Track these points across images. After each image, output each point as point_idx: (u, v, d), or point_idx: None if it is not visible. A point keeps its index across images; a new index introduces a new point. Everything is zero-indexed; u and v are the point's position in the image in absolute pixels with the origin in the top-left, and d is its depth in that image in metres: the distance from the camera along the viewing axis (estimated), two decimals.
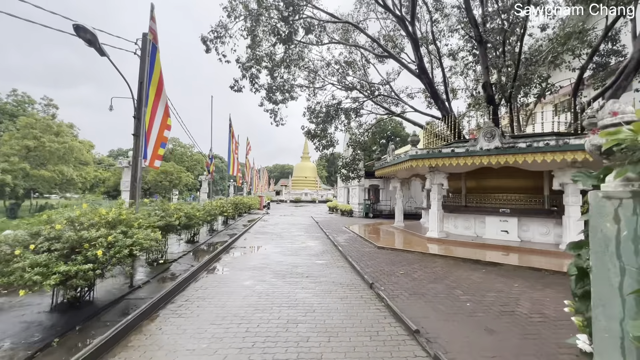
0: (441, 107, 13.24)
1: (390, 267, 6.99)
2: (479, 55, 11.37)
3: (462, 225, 11.62)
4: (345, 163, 17.84)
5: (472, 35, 11.41)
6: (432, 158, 10.10)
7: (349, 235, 12.47)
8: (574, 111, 12.25)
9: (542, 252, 8.76)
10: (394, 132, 52.92)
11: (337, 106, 16.23)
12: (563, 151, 7.98)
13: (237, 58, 13.26)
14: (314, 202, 55.86)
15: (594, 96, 11.73)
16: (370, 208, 23.91)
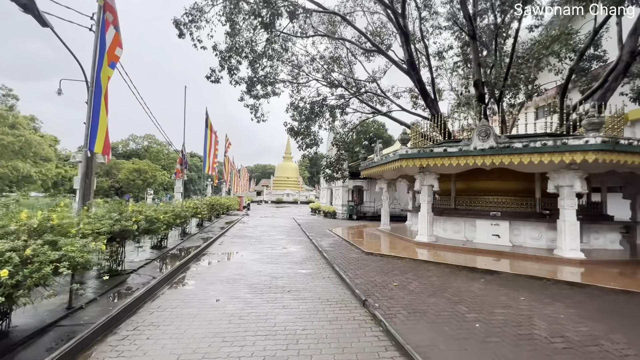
0: (430, 105, 12.76)
1: (382, 277, 6.25)
2: (471, 52, 10.97)
3: (452, 228, 11.12)
4: (329, 163, 17.09)
5: (464, 31, 10.98)
6: (423, 158, 9.50)
7: (334, 239, 11.70)
8: (562, 112, 12.10)
9: (537, 258, 8.33)
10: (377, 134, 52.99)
11: (322, 102, 15.46)
12: (561, 152, 7.56)
13: (215, 45, 12.19)
14: (295, 203, 54.86)
15: (582, 98, 11.59)
16: (354, 210, 23.31)
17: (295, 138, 16.43)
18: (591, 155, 7.24)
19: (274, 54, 15.13)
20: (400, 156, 9.85)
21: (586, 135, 7.40)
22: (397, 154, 10.05)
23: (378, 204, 24.21)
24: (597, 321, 4.30)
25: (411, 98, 18.86)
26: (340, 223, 19.08)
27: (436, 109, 12.82)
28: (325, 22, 16.39)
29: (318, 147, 16.74)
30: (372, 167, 12.78)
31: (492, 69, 11.50)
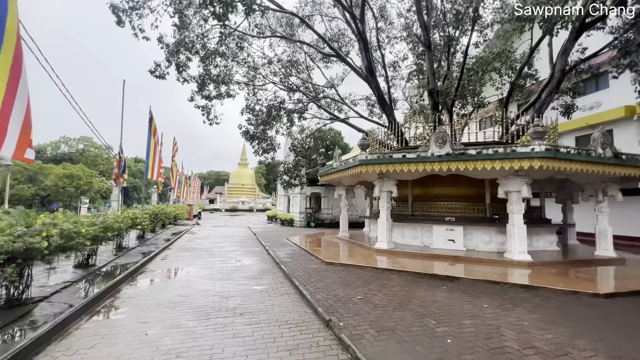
0: (388, 112, 12.90)
1: (345, 290, 5.81)
2: (427, 62, 11.33)
3: (410, 234, 11.18)
4: (287, 169, 16.50)
5: (420, 41, 11.30)
6: (382, 164, 9.39)
7: (292, 249, 11.08)
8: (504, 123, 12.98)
9: (490, 262, 8.58)
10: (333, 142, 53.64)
11: (280, 106, 14.88)
12: (511, 159, 7.90)
13: (160, 37, 11.02)
14: (251, 210, 52.98)
15: (522, 110, 12.54)
16: (312, 217, 22.89)
17: (251, 142, 15.59)
18: (537, 162, 7.64)
19: (229, 52, 14.28)
20: (360, 162, 9.66)
21: (532, 143, 7.83)
22: (357, 159, 9.84)
23: (336, 211, 24.10)
24: (559, 326, 4.29)
25: (367, 106, 19.14)
26: (298, 231, 18.49)
27: (393, 117, 13.01)
28: (284, 24, 15.97)
29: (275, 152, 16.08)
30: (331, 173, 12.48)
31: (445, 79, 12.01)
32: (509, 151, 7.95)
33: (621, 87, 14.50)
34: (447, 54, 11.25)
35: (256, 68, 16.80)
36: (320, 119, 17.71)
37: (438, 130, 8.88)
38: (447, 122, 12.43)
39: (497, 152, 8.08)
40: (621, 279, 7.15)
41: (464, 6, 10.25)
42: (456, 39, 11.29)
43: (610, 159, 8.35)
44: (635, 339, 3.96)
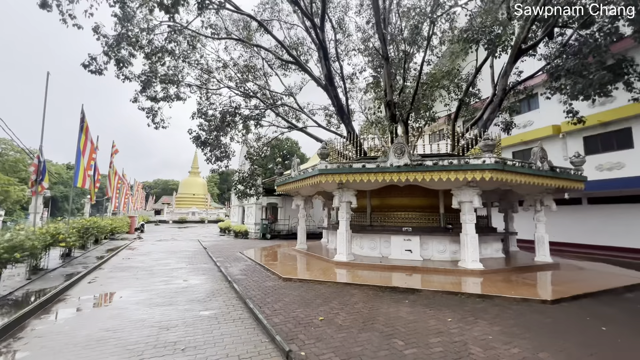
0: (347, 122, 12.89)
1: (306, 311, 5.33)
2: (385, 73, 11.58)
3: (368, 245, 11.07)
4: (242, 178, 15.62)
5: (380, 53, 11.50)
6: (342, 173, 9.19)
7: (246, 264, 10.29)
8: (454, 137, 13.75)
9: (446, 271, 8.73)
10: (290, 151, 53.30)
11: (235, 111, 14.10)
12: (464, 170, 8.18)
13: (96, 26, 9.71)
14: (202, 222, 49.91)
15: (470, 124, 13.37)
16: (268, 228, 22.04)
17: (203, 149, 14.50)
18: (487, 173, 7.99)
19: (179, 51, 13.24)
20: (320, 171, 9.35)
21: (482, 155, 8.20)
22: (317, 169, 9.52)
23: (293, 222, 23.51)
24: (520, 338, 4.28)
25: (326, 116, 19.13)
26: (254, 244, 17.55)
27: (352, 127, 13.04)
28: (240, 28, 15.35)
29: (229, 160, 15.15)
30: (289, 183, 12.01)
31: (401, 92, 12.40)
32: (463, 163, 8.24)
33: (549, 108, 16.33)
34: (403, 68, 11.67)
35: (210, 71, 15.85)
36: (277, 127, 17.20)
37: (397, 141, 8.95)
38: (403, 134, 12.76)
39: (451, 163, 8.32)
40: (561, 284, 7.65)
41: (419, 22, 10.76)
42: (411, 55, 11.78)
43: (547, 172, 9.09)
44: (590, 345, 4.06)
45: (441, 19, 11.20)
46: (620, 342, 4.23)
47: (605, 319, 5.13)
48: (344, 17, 15.90)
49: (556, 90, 10.84)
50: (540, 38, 11.63)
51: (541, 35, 11.74)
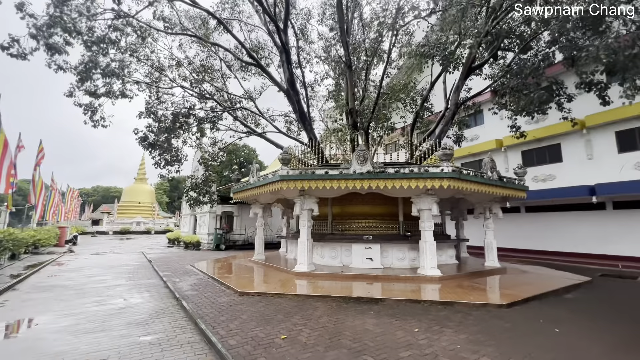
0: (308, 129, 12.67)
1: (266, 329, 4.82)
2: (347, 81, 11.63)
3: (329, 254, 10.81)
4: (195, 184, 14.50)
5: (343, 60, 11.53)
6: (305, 180, 8.86)
7: (198, 278, 9.37)
8: (411, 147, 14.24)
9: (406, 279, 8.75)
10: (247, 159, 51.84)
11: (189, 112, 13.11)
12: (424, 178, 8.34)
13: (21, 3, 8.32)
14: (149, 232, 45.91)
15: (425, 136, 13.95)
16: (223, 238, 20.77)
17: (151, 152, 13.19)
18: (445, 182, 8.24)
19: (126, 44, 12.05)
20: (281, 177, 8.93)
21: (441, 164, 8.45)
22: (277, 175, 9.09)
23: (250, 231, 22.51)
24: (486, 345, 4.25)
25: (286, 123, 18.78)
26: (206, 255, 16.33)
27: (313, 134, 12.85)
28: (197, 25, 14.49)
29: (181, 165, 14.00)
30: (247, 190, 11.36)
31: (362, 101, 12.57)
32: (423, 171, 8.41)
33: (493, 124, 17.79)
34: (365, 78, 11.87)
35: (162, 69, 14.67)
36: (235, 131, 16.43)
37: (359, 148, 8.90)
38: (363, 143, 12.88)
39: (412, 171, 8.45)
40: (511, 287, 8.04)
41: (380, 33, 11.06)
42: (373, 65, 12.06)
43: (497, 181, 9.68)
44: (550, 349, 4.15)
45: (401, 32, 11.66)
46: (574, 342, 4.40)
47: (555, 321, 5.38)
48: (306, 24, 15.87)
49: (502, 107, 11.76)
50: (487, 58, 12.62)
51: (487, 56, 12.76)
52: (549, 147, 15.44)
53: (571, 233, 14.33)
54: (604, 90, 8.98)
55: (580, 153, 14.21)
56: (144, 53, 13.38)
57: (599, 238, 13.30)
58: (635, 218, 12.51)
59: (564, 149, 14.79)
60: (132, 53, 12.94)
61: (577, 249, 13.95)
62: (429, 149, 13.04)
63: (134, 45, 12.82)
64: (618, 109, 12.54)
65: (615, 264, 11.97)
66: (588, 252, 13.51)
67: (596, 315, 5.89)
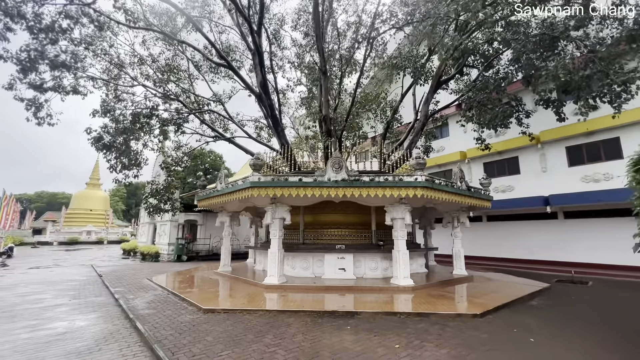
0: (281, 134, 12.27)
1: (235, 352, 4.31)
2: (322, 88, 11.48)
3: (301, 265, 10.39)
4: (155, 190, 13.40)
5: (317, 66, 11.36)
6: (277, 187, 8.45)
7: (156, 294, 8.49)
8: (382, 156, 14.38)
9: (380, 290, 8.57)
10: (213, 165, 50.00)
11: (152, 112, 12.15)
12: (399, 187, 8.32)
13: None
14: (101, 243, 42.19)
15: (395, 146, 14.17)
16: (185, 249, 19.47)
17: (107, 155, 11.99)
18: (419, 190, 8.26)
19: (81, 35, 10.97)
20: (252, 184, 8.44)
21: (415, 174, 8.49)
22: (248, 181, 8.59)
23: (215, 241, 21.40)
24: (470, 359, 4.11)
25: (255, 129, 18.23)
26: (166, 267, 15.11)
27: (286, 140, 12.49)
28: (163, 23, 13.63)
29: (140, 169, 12.89)
30: (214, 197, 10.67)
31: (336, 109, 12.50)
32: (397, 180, 8.39)
33: (457, 137, 18.63)
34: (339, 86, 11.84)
35: (122, 65, 13.58)
36: (202, 135, 15.58)
37: (334, 156, 8.70)
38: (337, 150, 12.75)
39: (387, 180, 8.40)
40: (481, 296, 8.16)
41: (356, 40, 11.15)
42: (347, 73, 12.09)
43: (466, 191, 9.95)
44: None
45: (376, 42, 11.82)
46: (552, 351, 4.41)
47: (528, 330, 5.44)
48: (279, 29, 15.62)
49: (469, 119, 12.27)
50: (454, 73, 13.19)
51: (454, 72, 13.36)
52: (508, 159, 16.40)
53: (528, 241, 15.19)
54: (560, 107, 9.66)
55: (535, 166, 15.22)
56: (102, 47, 12.30)
57: (553, 246, 14.22)
58: (582, 226, 13.55)
59: (522, 162, 15.77)
60: (88, 46, 11.82)
61: (533, 256, 14.79)
62: (400, 158, 13.25)
63: (90, 37, 11.73)
64: (567, 126, 13.65)
65: (568, 270, 12.81)
66: (544, 259, 14.36)
67: (562, 321, 6.08)
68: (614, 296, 8.73)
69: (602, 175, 13.08)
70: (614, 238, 12.60)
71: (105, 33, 11.91)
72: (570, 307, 7.39)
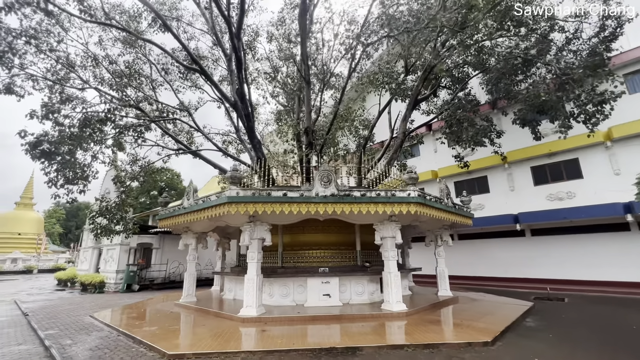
0: (257, 147, 11.28)
1: None
2: (305, 97, 10.86)
3: (279, 292, 9.25)
4: (106, 208, 11.48)
5: (301, 73, 10.74)
6: (258, 202, 7.46)
7: (102, 336, 6.80)
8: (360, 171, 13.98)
9: (373, 317, 7.74)
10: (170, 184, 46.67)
11: (106, 116, 10.54)
12: (391, 203, 7.76)
13: None
14: (30, 272, 36.26)
15: (373, 163, 13.87)
16: (136, 277, 17.03)
17: (45, 165, 10.03)
18: (413, 207, 7.77)
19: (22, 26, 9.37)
20: (229, 199, 7.36)
21: (408, 189, 8.02)
22: (225, 196, 7.49)
23: (172, 267, 19.15)
24: None
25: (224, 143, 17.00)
26: (114, 299, 12.87)
27: (262, 152, 11.52)
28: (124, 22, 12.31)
29: (88, 183, 11.03)
30: (180, 215, 9.28)
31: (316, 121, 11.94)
32: (390, 195, 7.84)
33: (428, 156, 19.05)
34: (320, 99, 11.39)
35: (72, 65, 11.89)
36: (164, 147, 14.06)
37: (323, 169, 7.97)
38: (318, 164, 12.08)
39: (379, 195, 7.81)
40: (478, 319, 7.61)
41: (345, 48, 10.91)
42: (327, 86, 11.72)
43: (452, 208, 9.71)
44: None
45: (363, 53, 11.68)
46: None
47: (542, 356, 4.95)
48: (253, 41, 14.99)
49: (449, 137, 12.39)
50: (429, 94, 13.45)
51: (429, 92, 13.65)
52: (477, 178, 16.90)
53: (500, 259, 15.44)
54: (536, 126, 10.03)
55: (504, 185, 15.80)
56: (47, 41, 10.66)
57: (524, 263, 14.54)
58: (550, 243, 14.06)
59: (491, 181, 16.32)
60: (29, 39, 10.14)
61: (507, 273, 14.98)
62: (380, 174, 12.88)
63: (33, 30, 10.11)
64: (531, 147, 14.44)
65: (542, 287, 13.01)
66: (518, 277, 14.58)
67: (571, 343, 5.72)
68: (599, 313, 8.76)
69: (565, 193, 13.83)
70: (581, 254, 13.17)
71: (54, 28, 10.35)
72: (567, 327, 7.15)
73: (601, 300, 10.75)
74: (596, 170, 13.12)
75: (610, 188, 12.52)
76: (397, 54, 12.59)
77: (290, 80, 13.57)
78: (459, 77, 13.14)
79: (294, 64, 12.67)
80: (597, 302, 10.41)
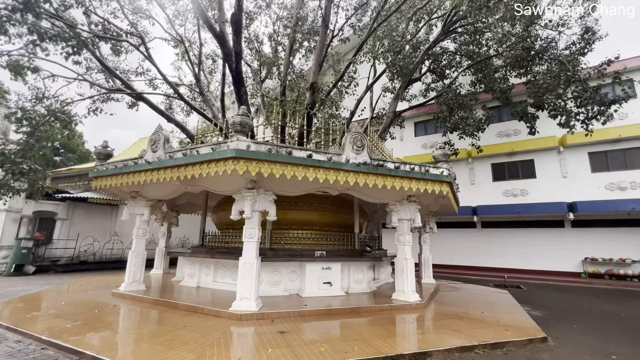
0: (244, 98, 8.82)
1: None
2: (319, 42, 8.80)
3: (268, 279, 7.47)
4: (2, 153, 7.65)
5: (321, 15, 8.64)
6: (276, 163, 5.56)
7: (5, 350, 4.12)
8: None
9: (392, 309, 6.67)
10: (66, 145, 38.62)
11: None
12: (425, 180, 6.71)
13: None
14: None
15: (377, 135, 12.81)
16: (30, 255, 12.67)
17: None
18: (445, 186, 6.90)
19: None
20: (237, 153, 5.27)
21: (441, 166, 7.08)
22: (231, 148, 5.33)
23: (86, 242, 15.06)
24: None
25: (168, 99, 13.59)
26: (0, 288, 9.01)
27: (248, 107, 9.19)
28: None
29: None
30: (137, 173, 6.59)
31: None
32: (424, 171, 6.77)
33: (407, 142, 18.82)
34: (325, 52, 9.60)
35: None
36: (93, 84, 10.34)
37: (355, 131, 6.41)
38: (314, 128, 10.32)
39: (413, 169, 6.67)
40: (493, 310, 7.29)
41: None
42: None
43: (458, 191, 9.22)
44: None
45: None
46: None
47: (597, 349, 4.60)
48: None
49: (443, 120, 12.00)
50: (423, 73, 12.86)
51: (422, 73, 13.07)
52: None
53: (459, 248, 16.18)
54: (534, 121, 10.23)
55: (465, 178, 16.50)
56: None
57: (482, 252, 15.50)
58: (503, 236, 15.23)
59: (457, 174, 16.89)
60: None
61: (465, 262, 15.78)
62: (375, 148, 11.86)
63: None
64: (492, 146, 15.31)
65: (500, 276, 13.93)
66: (474, 265, 15.46)
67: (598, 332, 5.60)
68: (562, 299, 9.38)
69: (519, 190, 15.02)
70: (529, 246, 14.53)
71: None
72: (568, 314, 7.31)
73: (549, 287, 11.85)
74: (548, 171, 14.52)
75: (557, 189, 13.99)
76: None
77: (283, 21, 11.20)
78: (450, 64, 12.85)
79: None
80: (548, 289, 11.40)
